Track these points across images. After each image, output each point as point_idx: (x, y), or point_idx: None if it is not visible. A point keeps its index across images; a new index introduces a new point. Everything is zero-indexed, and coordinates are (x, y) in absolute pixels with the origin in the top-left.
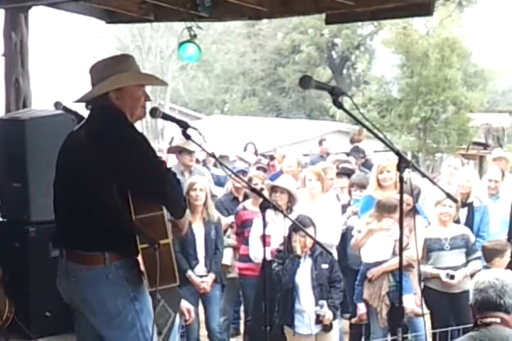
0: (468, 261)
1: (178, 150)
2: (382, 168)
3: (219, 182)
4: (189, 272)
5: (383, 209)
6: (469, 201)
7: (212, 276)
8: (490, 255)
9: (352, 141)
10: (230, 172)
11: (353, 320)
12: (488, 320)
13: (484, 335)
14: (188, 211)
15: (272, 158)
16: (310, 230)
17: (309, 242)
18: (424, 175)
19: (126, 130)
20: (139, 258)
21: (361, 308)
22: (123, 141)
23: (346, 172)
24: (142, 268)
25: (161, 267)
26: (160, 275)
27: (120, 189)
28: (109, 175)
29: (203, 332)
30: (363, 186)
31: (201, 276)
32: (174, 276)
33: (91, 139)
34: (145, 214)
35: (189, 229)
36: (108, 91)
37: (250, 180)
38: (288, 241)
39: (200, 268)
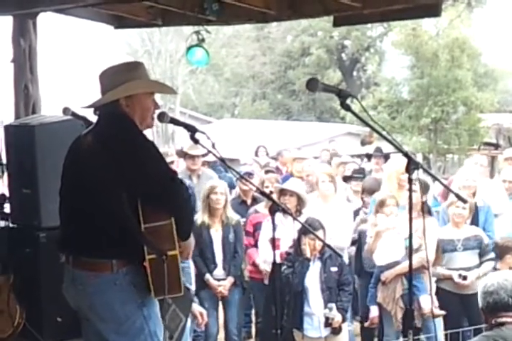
0: (481, 262)
1: (184, 155)
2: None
3: (231, 185)
4: (207, 275)
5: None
6: (473, 201)
7: (230, 280)
8: (501, 252)
9: (363, 143)
10: (239, 177)
11: (366, 324)
12: (503, 319)
13: (498, 335)
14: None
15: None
16: (319, 233)
17: (318, 245)
18: (433, 177)
19: (136, 137)
20: (146, 264)
21: (373, 311)
22: (132, 149)
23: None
24: (148, 276)
25: (167, 278)
26: (164, 285)
27: (129, 196)
28: (117, 182)
29: (220, 335)
30: (373, 192)
31: (219, 280)
32: (179, 287)
33: (100, 145)
34: (154, 223)
35: (207, 233)
36: (118, 98)
37: (263, 183)
38: (297, 244)
39: (219, 271)
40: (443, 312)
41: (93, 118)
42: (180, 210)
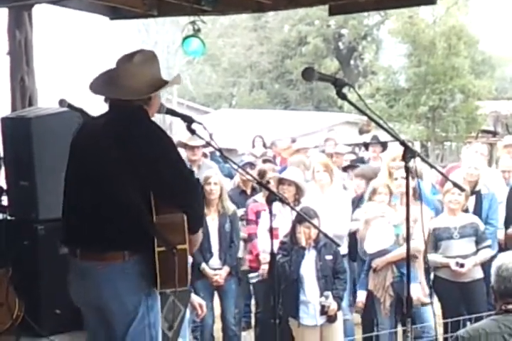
0: (478, 250)
1: (183, 146)
2: (396, 156)
3: (229, 175)
4: (203, 265)
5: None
6: (477, 189)
7: (226, 269)
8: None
9: (361, 132)
10: (236, 167)
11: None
12: None
13: (508, 320)
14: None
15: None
16: (314, 222)
17: (314, 234)
18: (431, 165)
19: (154, 132)
20: (155, 256)
21: (360, 296)
22: (149, 144)
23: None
24: (156, 268)
25: (173, 271)
26: (172, 278)
27: (142, 188)
28: (131, 174)
29: (216, 326)
30: (364, 176)
31: (215, 269)
32: (186, 281)
33: (115, 136)
34: (166, 215)
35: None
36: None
37: (264, 173)
38: (292, 232)
39: (215, 261)
40: (430, 301)
41: (89, 109)
42: (193, 205)
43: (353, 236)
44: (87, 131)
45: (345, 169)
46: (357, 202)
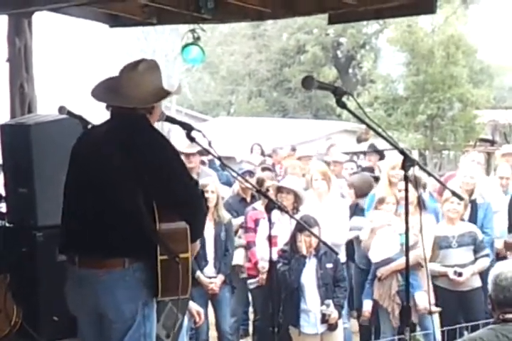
0: (476, 259)
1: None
2: (396, 165)
3: (228, 182)
4: (198, 273)
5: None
6: (473, 198)
7: (221, 278)
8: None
9: (359, 140)
10: (235, 175)
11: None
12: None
13: (506, 329)
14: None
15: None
16: (314, 230)
17: (314, 242)
18: (429, 174)
19: (158, 140)
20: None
21: (366, 305)
22: (153, 152)
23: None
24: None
25: (176, 280)
26: (174, 287)
27: (145, 196)
28: (135, 181)
29: (213, 333)
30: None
31: (210, 277)
32: (188, 289)
33: (119, 144)
34: (169, 223)
35: None
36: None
37: (262, 181)
38: (293, 241)
39: (210, 269)
40: (438, 309)
41: (88, 116)
42: (196, 215)
43: (350, 244)
44: (88, 138)
45: None
46: (353, 209)
